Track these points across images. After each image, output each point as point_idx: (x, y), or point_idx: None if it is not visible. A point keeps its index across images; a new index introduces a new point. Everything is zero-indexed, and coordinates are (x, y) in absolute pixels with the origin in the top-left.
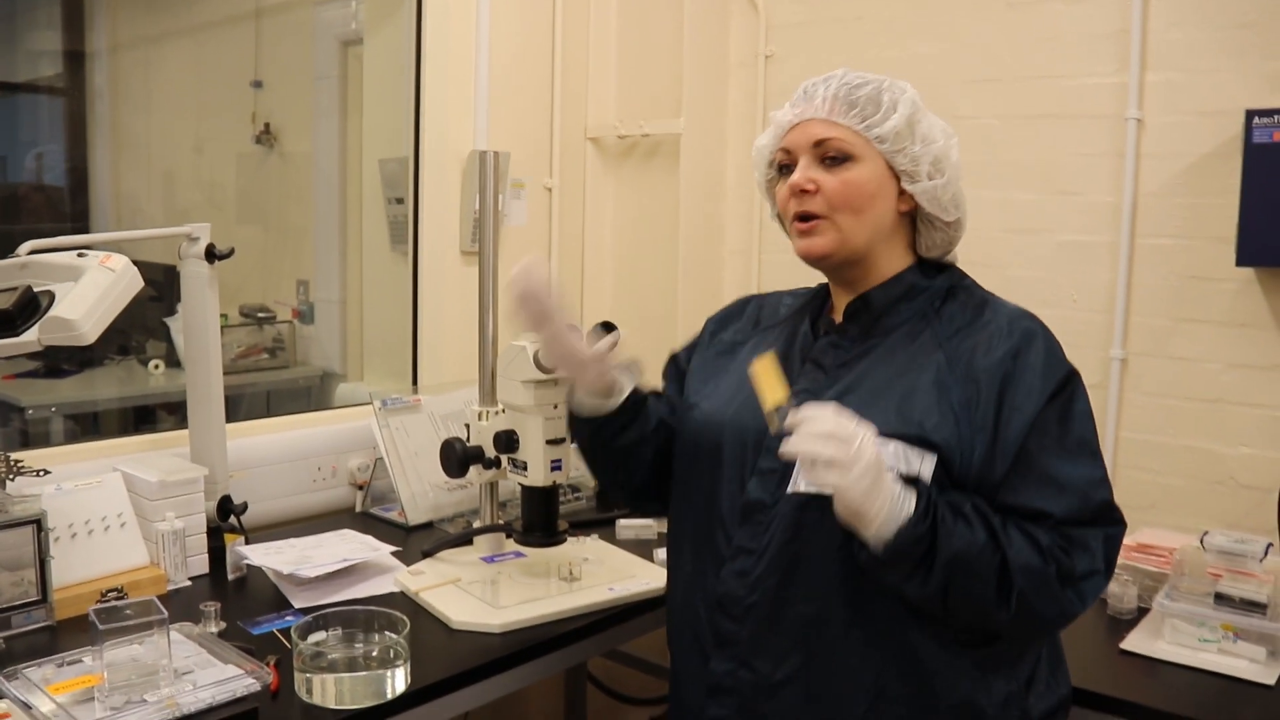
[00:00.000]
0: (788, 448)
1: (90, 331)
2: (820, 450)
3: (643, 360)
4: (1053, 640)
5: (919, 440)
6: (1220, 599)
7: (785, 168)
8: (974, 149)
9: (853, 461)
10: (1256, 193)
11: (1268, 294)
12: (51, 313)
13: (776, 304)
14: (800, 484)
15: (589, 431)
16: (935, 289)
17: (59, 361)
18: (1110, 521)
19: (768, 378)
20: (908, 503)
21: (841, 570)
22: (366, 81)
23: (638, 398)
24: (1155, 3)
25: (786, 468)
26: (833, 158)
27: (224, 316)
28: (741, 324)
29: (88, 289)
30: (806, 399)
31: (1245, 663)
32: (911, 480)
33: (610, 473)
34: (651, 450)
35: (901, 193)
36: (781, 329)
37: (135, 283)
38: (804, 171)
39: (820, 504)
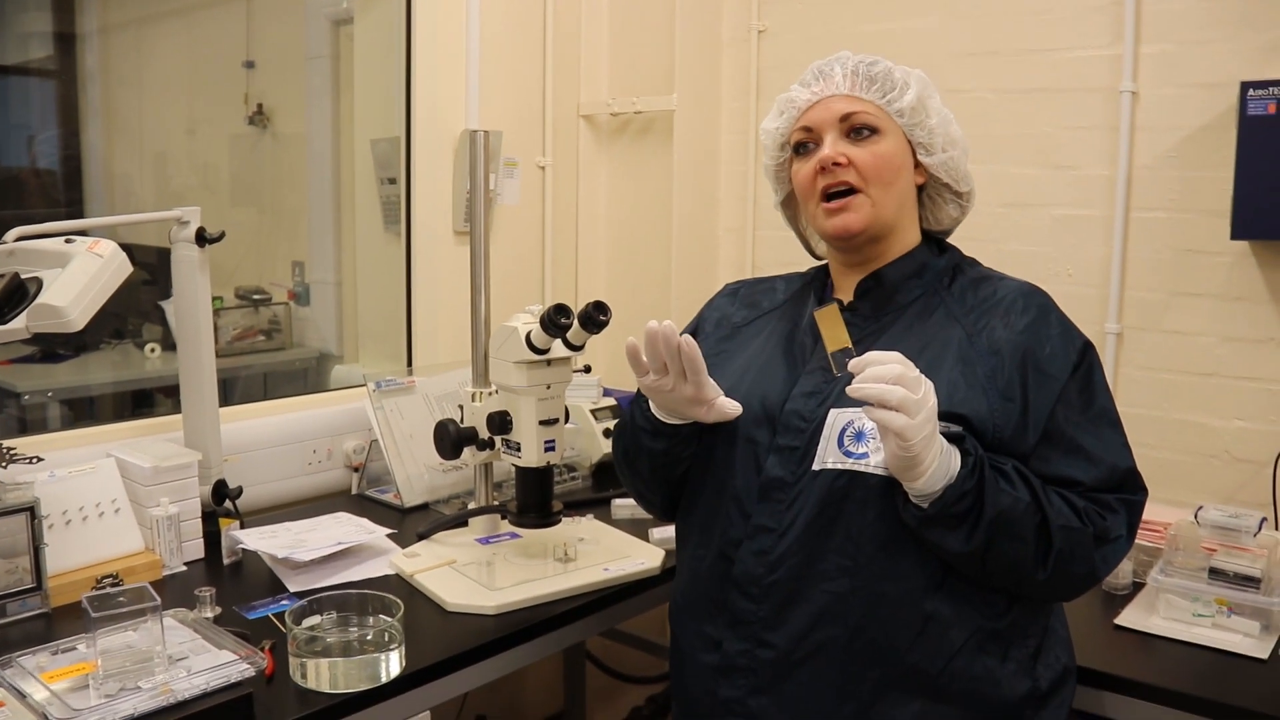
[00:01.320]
0: (855, 390)
1: (78, 318)
2: (889, 393)
3: (636, 336)
4: (1055, 611)
5: (946, 415)
6: (1214, 574)
7: (802, 148)
8: (968, 123)
9: (919, 406)
10: (1251, 165)
11: (1262, 267)
12: (39, 300)
13: (770, 288)
14: (828, 460)
15: (666, 445)
16: (944, 266)
17: (54, 346)
18: (1135, 488)
19: (831, 324)
20: (955, 460)
21: (869, 544)
22: (357, 61)
23: None
24: None
25: (808, 444)
26: (860, 130)
27: (219, 299)
28: (738, 308)
29: (76, 275)
30: (824, 377)
31: (1239, 637)
32: (959, 438)
33: (662, 485)
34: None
35: (916, 166)
36: (785, 310)
37: (124, 268)
38: (834, 145)
39: (847, 478)
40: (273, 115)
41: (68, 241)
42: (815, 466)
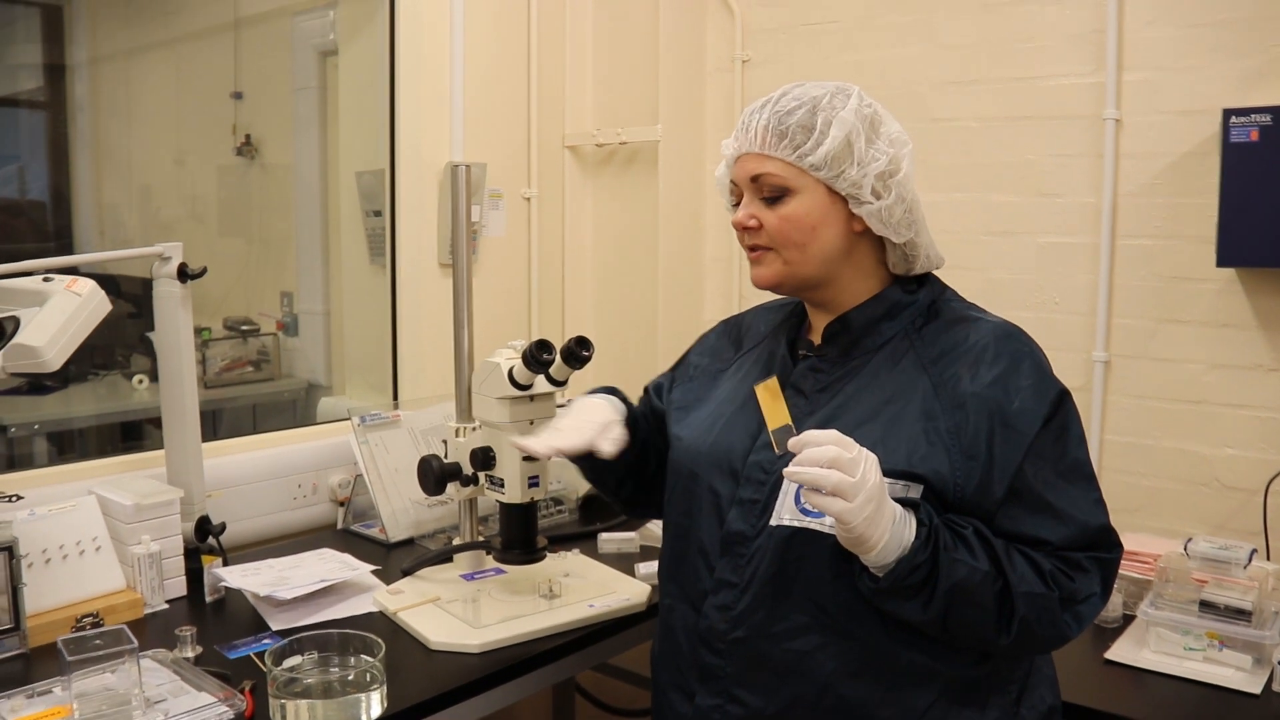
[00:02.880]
0: (790, 473)
1: (55, 359)
2: (824, 479)
3: (624, 365)
4: None
5: (904, 474)
6: (1205, 606)
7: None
8: (952, 151)
9: (856, 489)
10: (1235, 192)
11: (1249, 294)
12: (15, 340)
13: (757, 321)
14: (784, 516)
15: (590, 475)
16: (918, 305)
17: (41, 379)
18: (1108, 545)
19: (772, 400)
20: (909, 530)
21: (830, 602)
22: (343, 93)
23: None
24: (1131, 1)
25: (769, 498)
26: (769, 196)
27: (208, 330)
28: (723, 348)
29: (53, 314)
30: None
31: (1231, 671)
32: (914, 505)
33: (618, 505)
34: (641, 470)
35: (854, 213)
36: (759, 351)
37: (102, 307)
38: (746, 208)
39: (805, 536)
40: (261, 146)
41: (45, 279)
42: (772, 522)
